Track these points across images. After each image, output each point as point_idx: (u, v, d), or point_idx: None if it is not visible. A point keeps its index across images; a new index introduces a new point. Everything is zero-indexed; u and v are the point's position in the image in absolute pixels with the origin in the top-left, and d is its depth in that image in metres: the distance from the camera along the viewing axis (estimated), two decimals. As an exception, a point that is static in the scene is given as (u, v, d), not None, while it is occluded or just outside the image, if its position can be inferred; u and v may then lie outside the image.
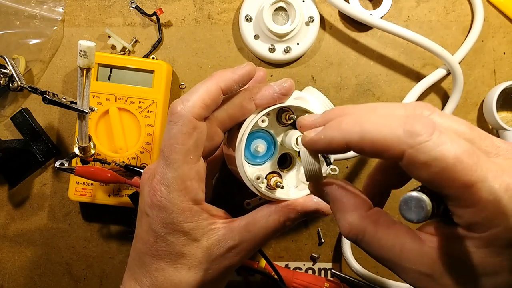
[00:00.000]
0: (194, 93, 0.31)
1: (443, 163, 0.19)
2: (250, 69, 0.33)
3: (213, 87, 0.31)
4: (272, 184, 0.35)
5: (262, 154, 0.37)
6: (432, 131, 0.20)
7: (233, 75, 0.32)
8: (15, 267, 0.51)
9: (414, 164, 0.20)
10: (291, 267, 0.50)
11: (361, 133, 0.22)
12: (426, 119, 0.21)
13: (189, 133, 0.30)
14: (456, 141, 0.20)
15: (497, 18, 0.52)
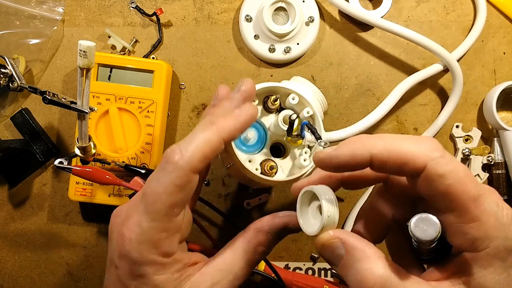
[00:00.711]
0: (194, 142, 0.28)
1: (456, 176, 0.22)
2: (253, 113, 0.30)
3: (215, 139, 0.28)
4: (266, 169, 0.36)
5: (253, 141, 0.39)
6: (443, 151, 0.23)
7: (237, 123, 0.29)
8: (15, 267, 0.51)
9: (432, 175, 0.23)
10: (291, 267, 0.50)
11: (385, 145, 0.24)
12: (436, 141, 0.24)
13: (182, 187, 0.27)
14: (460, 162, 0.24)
15: (497, 18, 0.52)
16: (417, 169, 0.23)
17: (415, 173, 0.23)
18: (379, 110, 0.46)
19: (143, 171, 0.45)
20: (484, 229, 0.22)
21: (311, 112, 0.38)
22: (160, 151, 0.49)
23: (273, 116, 0.40)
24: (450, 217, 0.23)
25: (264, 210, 0.50)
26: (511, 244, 0.22)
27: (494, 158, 0.49)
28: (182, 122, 0.51)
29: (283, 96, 0.39)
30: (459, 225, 0.23)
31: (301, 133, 0.38)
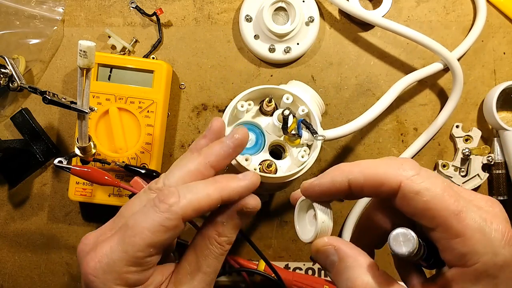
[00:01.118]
0: (194, 191, 0.28)
1: (433, 192, 0.23)
2: (256, 181, 0.30)
3: (214, 196, 0.28)
4: (265, 168, 0.37)
5: (250, 143, 0.39)
6: (419, 169, 0.24)
7: (238, 187, 0.29)
8: (15, 267, 0.51)
9: (408, 193, 0.23)
10: (291, 267, 0.50)
11: (362, 171, 0.25)
12: (412, 160, 0.25)
13: (168, 229, 0.27)
14: (439, 178, 0.24)
15: (497, 18, 0.52)
16: (392, 189, 0.24)
17: (392, 193, 0.24)
18: (377, 106, 0.46)
19: (143, 171, 0.45)
20: (470, 245, 0.22)
21: (306, 110, 0.38)
22: (160, 151, 0.49)
23: (269, 118, 0.40)
24: (436, 233, 0.23)
25: (264, 210, 0.50)
26: (501, 259, 0.22)
27: (494, 158, 0.49)
28: (182, 122, 0.51)
29: (279, 98, 0.39)
30: (446, 240, 0.23)
31: (298, 132, 0.38)
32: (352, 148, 0.51)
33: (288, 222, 0.50)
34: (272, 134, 0.39)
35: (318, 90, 0.51)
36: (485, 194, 0.51)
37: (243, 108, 0.38)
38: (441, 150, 0.51)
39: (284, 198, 0.50)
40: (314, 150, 0.38)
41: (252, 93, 0.38)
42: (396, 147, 0.51)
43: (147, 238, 0.26)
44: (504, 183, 0.49)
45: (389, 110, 0.51)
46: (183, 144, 0.51)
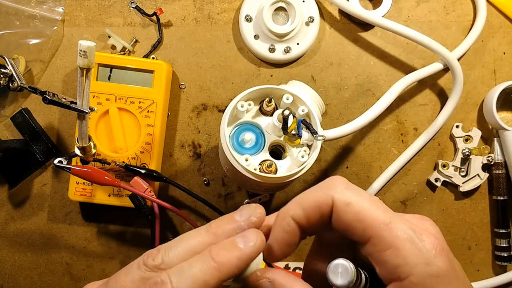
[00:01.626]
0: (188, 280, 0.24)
1: (362, 203, 0.23)
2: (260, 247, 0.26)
3: (213, 281, 0.25)
4: (265, 168, 0.37)
5: (250, 144, 0.39)
6: (348, 184, 0.25)
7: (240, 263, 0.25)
8: (15, 267, 0.51)
9: (340, 205, 0.24)
10: (291, 267, 0.50)
11: (298, 204, 0.25)
12: (340, 177, 0.25)
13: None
14: (367, 193, 0.25)
15: (497, 18, 0.52)
16: (329, 207, 0.24)
17: (329, 211, 0.24)
18: (377, 106, 0.46)
19: (143, 171, 0.45)
20: (402, 256, 0.22)
21: (306, 110, 0.38)
22: (160, 151, 0.49)
23: (269, 118, 0.40)
24: (368, 247, 0.23)
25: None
26: (435, 270, 0.22)
27: (494, 158, 0.49)
28: (182, 122, 0.51)
29: (279, 98, 0.39)
30: (377, 253, 0.23)
31: (298, 132, 0.38)
32: (352, 148, 0.51)
33: (288, 222, 0.50)
34: (272, 134, 0.40)
35: (318, 90, 0.51)
36: (485, 194, 0.51)
37: (243, 108, 0.38)
38: (441, 150, 0.51)
39: (284, 198, 0.50)
40: (314, 150, 0.38)
41: (252, 93, 0.38)
42: (396, 147, 0.51)
43: None
44: (504, 183, 0.49)
45: (389, 110, 0.51)
46: (183, 144, 0.51)
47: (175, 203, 0.50)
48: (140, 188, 0.44)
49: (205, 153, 0.51)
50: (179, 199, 0.50)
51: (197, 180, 0.50)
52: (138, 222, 0.50)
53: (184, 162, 0.50)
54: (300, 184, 0.50)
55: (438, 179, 0.50)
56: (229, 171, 0.41)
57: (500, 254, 0.49)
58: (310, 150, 0.39)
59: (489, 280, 0.50)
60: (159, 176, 0.46)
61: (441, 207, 0.51)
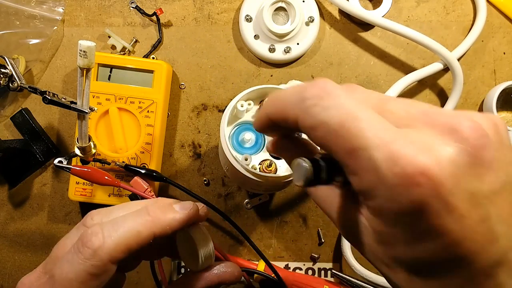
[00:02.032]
0: (120, 229, 0.25)
1: (326, 127, 0.19)
2: (192, 215, 0.28)
3: (145, 232, 0.26)
4: (265, 167, 0.37)
5: (250, 143, 0.39)
6: (322, 96, 0.19)
7: (173, 221, 0.27)
8: (15, 267, 0.51)
9: (303, 128, 0.20)
10: (291, 267, 0.50)
11: (273, 105, 0.22)
12: (322, 83, 0.20)
13: (97, 276, 0.25)
14: (344, 107, 0.19)
15: (497, 18, 0.52)
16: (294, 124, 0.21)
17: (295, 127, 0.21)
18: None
19: (143, 171, 0.45)
20: (365, 184, 0.19)
21: None
22: (160, 151, 0.49)
23: None
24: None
25: (264, 210, 0.50)
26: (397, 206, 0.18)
27: (494, 158, 0.49)
28: (182, 122, 0.51)
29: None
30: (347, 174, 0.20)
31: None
32: (352, 148, 0.51)
33: (288, 222, 0.50)
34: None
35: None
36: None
37: (243, 108, 0.38)
38: (441, 150, 0.51)
39: (284, 198, 0.50)
40: None
41: (251, 92, 0.38)
42: (396, 147, 0.51)
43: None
44: (504, 183, 0.49)
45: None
46: (183, 144, 0.51)
47: (175, 203, 0.50)
48: (140, 188, 0.44)
49: (205, 153, 0.51)
50: (179, 199, 0.50)
51: (197, 180, 0.50)
52: (138, 222, 0.50)
53: (184, 162, 0.50)
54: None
55: (438, 179, 0.50)
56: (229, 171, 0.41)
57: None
58: None
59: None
60: (159, 176, 0.46)
61: (441, 207, 0.51)
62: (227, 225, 0.50)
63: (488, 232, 0.18)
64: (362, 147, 0.18)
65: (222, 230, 0.50)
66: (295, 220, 0.50)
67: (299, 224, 0.51)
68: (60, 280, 0.25)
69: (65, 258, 0.26)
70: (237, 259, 0.48)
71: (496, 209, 0.18)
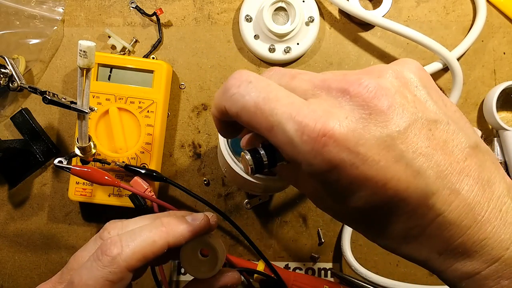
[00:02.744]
0: (137, 239, 0.27)
1: (247, 111, 0.21)
2: (204, 225, 0.30)
3: (160, 242, 0.27)
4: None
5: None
6: (239, 84, 0.21)
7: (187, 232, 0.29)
8: (15, 267, 0.51)
9: (232, 116, 0.22)
10: (291, 267, 0.50)
11: (213, 105, 0.24)
12: (239, 73, 0.22)
13: (114, 283, 0.26)
14: (257, 90, 0.21)
15: (497, 18, 0.52)
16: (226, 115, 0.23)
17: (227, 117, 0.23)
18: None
19: (143, 171, 0.45)
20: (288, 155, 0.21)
21: None
22: (160, 151, 0.49)
23: None
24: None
25: (264, 210, 0.50)
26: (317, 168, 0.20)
27: (494, 158, 0.49)
28: (182, 122, 0.51)
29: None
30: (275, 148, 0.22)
31: None
32: (352, 148, 0.51)
33: (288, 222, 0.50)
34: None
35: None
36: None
37: None
38: (441, 150, 0.51)
39: (284, 198, 0.50)
40: None
41: None
42: (396, 147, 0.51)
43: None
44: (504, 183, 0.49)
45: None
46: (183, 144, 0.51)
47: (175, 203, 0.50)
48: (140, 188, 0.44)
49: (205, 153, 0.51)
50: (179, 199, 0.50)
51: (197, 180, 0.50)
52: (138, 222, 0.50)
53: (184, 162, 0.50)
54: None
55: (438, 179, 0.50)
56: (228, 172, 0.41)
57: (500, 254, 0.49)
58: None
59: (489, 280, 0.50)
60: (159, 176, 0.46)
61: (441, 207, 0.51)
62: (227, 225, 0.50)
63: (407, 168, 0.19)
64: (276, 123, 0.20)
65: (222, 230, 0.50)
66: (295, 220, 0.50)
67: (299, 224, 0.51)
68: (79, 286, 0.26)
69: (84, 266, 0.27)
70: (237, 259, 0.48)
71: (409, 145, 0.19)
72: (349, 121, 0.19)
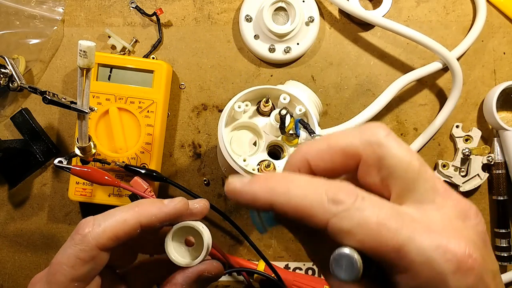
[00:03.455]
0: (109, 219, 0.28)
1: (366, 229, 0.19)
2: (180, 208, 0.30)
3: (132, 221, 0.28)
4: (263, 168, 0.38)
5: None
6: (355, 198, 0.19)
7: (159, 212, 0.29)
8: (15, 267, 0.51)
9: (339, 233, 0.19)
10: (291, 267, 0.50)
11: (287, 194, 0.20)
12: (349, 186, 0.20)
13: (85, 261, 0.27)
14: (378, 205, 0.19)
15: (497, 18, 0.52)
16: (319, 226, 0.19)
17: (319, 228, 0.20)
18: (375, 105, 0.46)
19: (143, 171, 0.45)
20: (420, 281, 0.19)
21: (304, 109, 0.38)
22: (160, 151, 0.49)
23: (267, 118, 0.40)
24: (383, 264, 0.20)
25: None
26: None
27: (494, 158, 0.49)
28: (182, 122, 0.51)
29: (276, 98, 0.39)
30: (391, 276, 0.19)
31: (296, 131, 0.38)
32: (352, 148, 0.51)
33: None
34: (270, 134, 0.40)
35: (318, 90, 0.51)
36: (485, 194, 0.51)
37: (240, 109, 0.38)
38: (441, 150, 0.51)
39: (284, 198, 0.50)
40: None
41: (249, 93, 0.38)
42: (396, 147, 0.51)
43: (68, 274, 0.26)
44: (504, 183, 0.49)
45: (389, 110, 0.51)
46: (183, 144, 0.51)
47: (175, 203, 0.50)
48: (140, 188, 0.44)
49: (205, 153, 0.51)
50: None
51: (197, 180, 0.50)
52: (138, 222, 0.50)
53: (184, 162, 0.50)
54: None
55: (438, 179, 0.50)
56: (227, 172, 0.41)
57: (500, 254, 0.49)
58: None
59: (489, 280, 0.50)
60: (159, 176, 0.46)
61: (441, 207, 0.51)
62: (227, 225, 0.50)
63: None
64: (407, 241, 0.18)
65: (222, 230, 0.50)
66: (295, 220, 0.50)
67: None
68: (53, 265, 0.27)
69: (62, 247, 0.28)
70: (237, 259, 0.48)
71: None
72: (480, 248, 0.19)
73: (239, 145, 0.40)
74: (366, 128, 0.21)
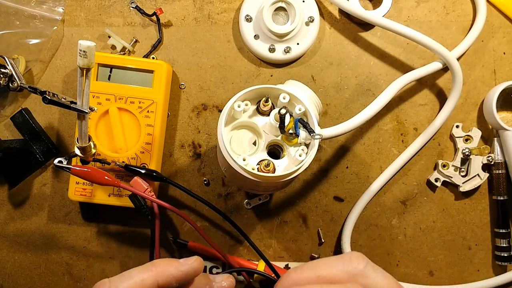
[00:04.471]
0: (126, 281, 0.27)
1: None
2: (197, 267, 0.30)
3: (149, 281, 0.27)
4: (263, 167, 0.38)
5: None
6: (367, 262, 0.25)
7: (176, 271, 0.29)
8: (15, 267, 0.51)
9: None
10: (291, 267, 0.50)
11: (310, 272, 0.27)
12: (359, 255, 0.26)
13: None
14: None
15: (497, 18, 0.52)
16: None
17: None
18: (374, 105, 0.45)
19: (143, 171, 0.45)
20: None
21: (303, 109, 0.38)
22: (160, 151, 0.49)
23: (267, 118, 0.40)
24: None
25: (264, 210, 0.50)
26: None
27: (494, 158, 0.50)
28: (182, 122, 0.51)
29: (276, 98, 0.39)
30: None
31: (295, 131, 0.38)
32: (352, 148, 0.51)
33: (288, 222, 0.50)
34: (269, 134, 0.40)
35: (318, 90, 0.51)
36: (485, 194, 0.51)
37: (240, 108, 0.38)
38: (441, 150, 0.51)
39: (284, 198, 0.50)
40: (312, 149, 0.38)
41: (248, 93, 0.38)
42: (396, 147, 0.51)
43: None
44: (504, 183, 0.49)
45: (389, 110, 0.51)
46: (183, 144, 0.51)
47: (175, 203, 0.50)
48: (140, 188, 0.44)
49: (205, 153, 0.51)
50: (179, 199, 0.50)
51: (197, 180, 0.50)
52: (138, 222, 0.50)
53: (184, 162, 0.50)
54: (300, 184, 0.50)
55: (438, 179, 0.50)
56: (227, 171, 0.41)
57: (500, 254, 0.49)
58: (308, 149, 0.39)
59: (489, 280, 0.50)
60: (159, 176, 0.46)
61: (441, 207, 0.51)
62: (227, 225, 0.50)
63: None
64: None
65: (222, 230, 0.50)
66: (295, 220, 0.51)
67: (299, 224, 0.51)
68: None
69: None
70: (237, 259, 0.48)
71: None
72: None
73: (239, 144, 0.40)
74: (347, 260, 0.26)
